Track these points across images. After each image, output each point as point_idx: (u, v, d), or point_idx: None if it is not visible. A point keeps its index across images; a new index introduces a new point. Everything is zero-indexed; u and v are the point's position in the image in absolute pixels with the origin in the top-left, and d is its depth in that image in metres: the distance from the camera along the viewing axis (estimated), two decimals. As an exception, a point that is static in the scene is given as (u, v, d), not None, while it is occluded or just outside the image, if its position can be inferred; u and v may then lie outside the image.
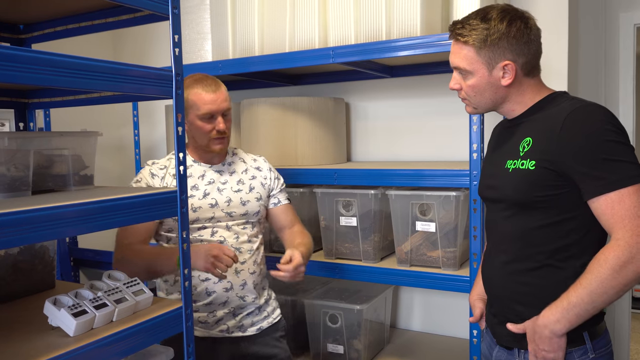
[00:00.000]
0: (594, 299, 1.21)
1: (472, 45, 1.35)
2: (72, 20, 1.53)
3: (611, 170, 1.21)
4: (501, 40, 1.33)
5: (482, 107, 1.44)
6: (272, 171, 1.96)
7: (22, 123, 1.73)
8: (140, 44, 3.38)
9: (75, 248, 3.10)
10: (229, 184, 1.83)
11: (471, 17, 1.38)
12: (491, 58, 1.34)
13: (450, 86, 1.45)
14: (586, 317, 1.24)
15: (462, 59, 1.38)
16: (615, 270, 1.19)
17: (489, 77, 1.37)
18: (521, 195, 1.34)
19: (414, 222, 2.06)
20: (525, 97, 1.40)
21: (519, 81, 1.38)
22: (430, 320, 2.61)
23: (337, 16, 2.13)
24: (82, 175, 1.40)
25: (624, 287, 1.20)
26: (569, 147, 1.25)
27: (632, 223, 1.19)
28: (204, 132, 1.75)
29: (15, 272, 1.40)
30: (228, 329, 1.77)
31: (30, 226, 0.98)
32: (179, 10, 1.28)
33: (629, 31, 2.80)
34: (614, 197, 1.21)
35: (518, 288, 1.38)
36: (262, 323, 1.84)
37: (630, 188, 1.20)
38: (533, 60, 1.38)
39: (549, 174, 1.28)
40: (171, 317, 1.27)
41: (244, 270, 1.79)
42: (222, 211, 1.78)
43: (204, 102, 1.72)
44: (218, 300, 1.75)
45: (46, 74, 1.01)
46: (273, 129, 2.38)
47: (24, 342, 1.11)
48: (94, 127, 1.93)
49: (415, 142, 2.57)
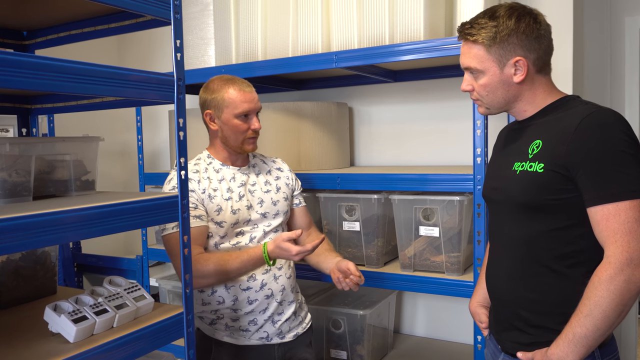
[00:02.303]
0: (598, 326, 1.19)
1: (481, 44, 1.33)
2: (75, 26, 1.53)
3: (614, 182, 1.20)
4: (511, 37, 1.31)
5: (495, 107, 1.41)
6: (291, 172, 1.98)
7: (24, 129, 1.73)
8: (145, 49, 3.39)
9: (78, 254, 3.10)
10: (257, 185, 1.83)
11: (479, 16, 1.36)
12: (502, 55, 1.32)
13: (462, 88, 1.43)
14: (595, 345, 1.22)
15: (472, 59, 1.36)
16: (611, 292, 1.18)
17: (500, 75, 1.34)
18: (528, 198, 1.31)
19: (417, 227, 2.05)
20: (538, 97, 1.37)
21: (532, 78, 1.35)
22: (434, 325, 2.59)
23: (340, 21, 2.13)
24: (83, 181, 1.39)
25: (623, 307, 1.19)
26: (580, 152, 1.22)
27: (623, 239, 1.18)
28: (241, 131, 1.75)
29: (17, 277, 1.40)
30: (268, 336, 1.76)
31: (32, 232, 0.98)
32: (181, 15, 1.28)
33: (634, 35, 2.79)
34: (611, 210, 1.19)
35: (523, 293, 1.35)
36: (297, 329, 1.83)
37: (629, 202, 1.18)
38: (545, 56, 1.35)
39: (557, 177, 1.26)
40: (172, 323, 1.27)
41: (282, 275, 1.79)
42: (257, 213, 1.78)
43: (242, 100, 1.73)
44: (259, 308, 1.74)
45: (48, 80, 1.01)
46: (276, 134, 2.38)
47: (24, 348, 1.11)
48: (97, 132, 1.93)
49: (418, 147, 2.56)
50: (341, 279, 1.72)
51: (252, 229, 1.78)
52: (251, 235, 1.77)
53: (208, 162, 1.80)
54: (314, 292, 2.54)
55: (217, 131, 1.78)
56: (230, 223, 1.72)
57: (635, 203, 1.18)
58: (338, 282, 1.73)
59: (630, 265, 1.17)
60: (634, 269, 1.17)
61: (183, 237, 1.30)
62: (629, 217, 1.18)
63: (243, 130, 1.75)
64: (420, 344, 2.51)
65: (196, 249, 1.64)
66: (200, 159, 1.82)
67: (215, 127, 1.78)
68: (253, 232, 1.77)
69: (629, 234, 1.18)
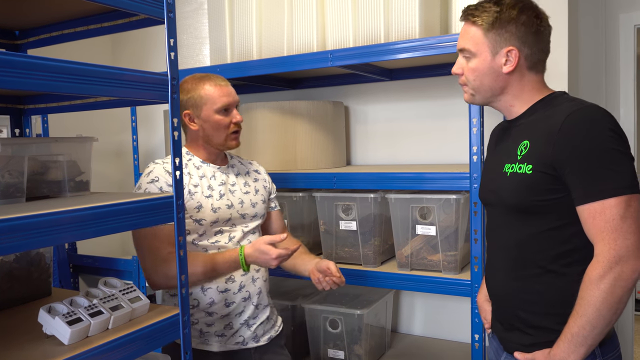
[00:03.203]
0: (593, 325, 1.19)
1: (480, 26, 1.34)
2: (68, 25, 1.52)
3: (600, 179, 1.19)
4: (510, 25, 1.32)
5: (480, 95, 1.41)
6: (267, 174, 1.97)
7: (18, 129, 1.72)
8: (139, 49, 3.37)
9: (74, 255, 3.08)
10: (237, 185, 1.81)
11: (486, 0, 1.38)
12: (497, 42, 1.33)
13: (452, 70, 1.44)
14: (594, 343, 1.22)
15: (468, 40, 1.37)
16: (602, 290, 1.18)
17: (491, 62, 1.35)
18: (519, 200, 1.31)
19: (414, 226, 2.05)
20: (525, 93, 1.37)
21: (521, 73, 1.35)
22: (431, 324, 2.59)
23: (335, 19, 2.12)
24: (77, 181, 1.38)
25: (617, 304, 1.19)
26: (566, 150, 1.22)
27: (610, 237, 1.18)
28: (223, 126, 1.72)
29: (11, 279, 1.39)
30: (244, 341, 1.73)
31: (25, 233, 0.97)
32: (175, 14, 1.28)
33: (629, 32, 2.79)
34: (597, 208, 1.19)
35: (521, 295, 1.35)
36: (271, 332, 1.82)
37: (614, 199, 1.18)
38: (539, 54, 1.35)
39: (546, 177, 1.26)
40: (168, 324, 1.26)
41: (259, 278, 1.77)
42: (237, 212, 1.76)
43: (220, 94, 1.70)
44: (236, 311, 1.71)
45: (41, 80, 1.00)
46: (272, 133, 2.37)
47: (18, 350, 1.10)
48: (92, 132, 1.92)
49: (415, 145, 2.55)
50: (321, 279, 1.71)
51: (231, 229, 1.75)
52: (230, 235, 1.74)
53: (188, 159, 1.75)
54: (311, 291, 2.54)
55: (198, 131, 1.74)
56: (210, 221, 1.68)
57: (620, 200, 1.18)
58: (318, 282, 1.72)
59: (619, 263, 1.17)
60: (623, 266, 1.17)
61: (178, 237, 1.29)
62: (614, 215, 1.18)
63: (225, 125, 1.72)
64: (417, 343, 2.51)
65: (167, 247, 1.58)
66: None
67: (196, 127, 1.74)
68: (232, 232, 1.74)
69: (615, 231, 1.17)
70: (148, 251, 1.59)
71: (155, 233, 1.57)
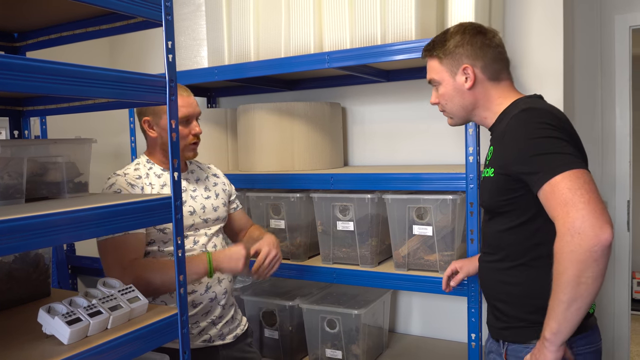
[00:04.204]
0: (568, 295, 1.18)
1: (435, 57, 1.53)
2: (66, 28, 1.53)
3: (542, 163, 1.25)
4: (458, 48, 1.48)
5: (457, 116, 1.56)
6: (225, 177, 2.01)
7: (17, 131, 1.73)
8: (138, 50, 3.38)
9: (73, 256, 3.09)
10: (198, 191, 1.83)
11: (437, 36, 1.56)
12: (452, 65, 1.49)
13: (430, 101, 1.61)
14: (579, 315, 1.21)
15: (431, 71, 1.56)
16: (561, 263, 1.18)
17: (454, 83, 1.50)
18: (489, 201, 1.45)
19: (411, 226, 2.06)
20: (493, 103, 1.49)
21: (483, 85, 1.49)
22: (428, 324, 2.60)
23: (332, 21, 2.13)
24: (76, 183, 1.39)
25: (580, 275, 1.16)
26: (510, 150, 1.34)
27: (562, 210, 1.19)
28: (182, 136, 1.70)
29: (10, 280, 1.39)
30: (210, 339, 1.77)
31: (24, 234, 0.98)
32: (172, 16, 1.29)
33: (624, 33, 2.81)
34: (547, 189, 1.23)
35: (498, 287, 1.47)
36: (236, 330, 1.87)
37: (559, 176, 1.21)
38: (494, 64, 1.48)
39: (504, 179, 1.37)
40: (166, 324, 1.27)
41: (224, 279, 1.81)
42: (199, 218, 1.78)
43: (180, 105, 1.65)
44: (202, 310, 1.75)
45: (40, 82, 1.01)
46: (270, 135, 2.38)
47: (18, 350, 1.11)
48: (91, 134, 1.93)
49: (411, 146, 2.57)
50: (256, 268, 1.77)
51: (195, 233, 1.76)
52: (195, 239, 1.76)
53: (148, 167, 1.76)
54: (308, 291, 2.55)
55: (157, 138, 1.75)
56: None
57: (565, 175, 1.21)
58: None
59: (574, 235, 1.16)
60: (577, 237, 1.15)
61: (176, 238, 1.30)
62: (562, 189, 1.21)
63: (184, 136, 1.72)
64: (415, 343, 2.52)
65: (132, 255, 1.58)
66: (139, 164, 1.78)
67: (155, 134, 1.74)
68: (196, 237, 1.76)
69: (565, 205, 1.19)
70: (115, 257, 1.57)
71: (123, 240, 1.57)
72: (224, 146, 2.69)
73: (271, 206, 2.36)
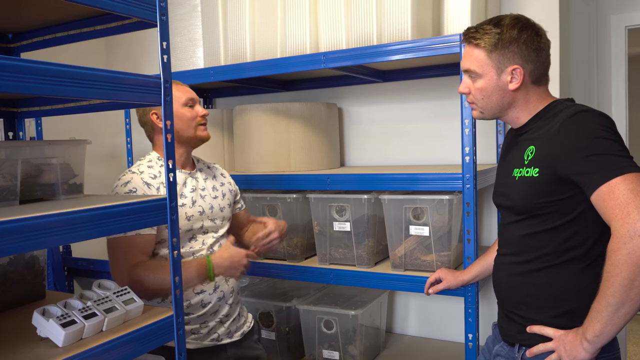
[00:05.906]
0: (619, 299, 1.17)
1: (483, 48, 1.40)
2: (61, 29, 1.52)
3: (600, 165, 1.23)
4: (512, 45, 1.37)
5: (489, 112, 1.47)
6: (230, 177, 2.02)
7: (11, 132, 1.72)
8: (134, 51, 3.37)
9: (69, 257, 3.07)
10: (207, 190, 1.84)
11: (485, 22, 1.43)
12: (501, 62, 1.39)
13: (459, 90, 1.50)
14: (622, 322, 1.20)
15: (473, 62, 1.43)
16: (615, 265, 1.17)
17: (497, 81, 1.41)
18: (527, 202, 1.37)
19: (407, 227, 2.06)
20: (530, 105, 1.43)
21: (526, 88, 1.42)
22: (426, 324, 2.60)
23: (328, 21, 2.13)
24: (71, 184, 1.38)
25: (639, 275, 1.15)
26: (563, 151, 1.28)
27: (622, 212, 1.18)
28: (191, 117, 1.78)
29: (5, 282, 1.39)
30: (218, 337, 1.78)
31: (19, 236, 0.97)
32: (167, 17, 1.28)
33: (620, 33, 2.82)
34: (605, 190, 1.21)
35: (521, 289, 1.42)
36: (243, 327, 1.88)
37: (619, 178, 1.20)
38: (541, 69, 1.42)
39: (551, 179, 1.31)
40: (162, 326, 1.26)
41: (231, 278, 1.80)
42: (208, 218, 1.79)
43: (182, 92, 1.79)
44: (211, 310, 1.75)
45: (34, 83, 1.01)
46: (266, 135, 2.38)
47: (12, 353, 1.10)
48: (86, 135, 1.92)
49: (408, 146, 2.57)
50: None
51: (204, 235, 1.78)
52: (203, 241, 1.77)
53: (160, 165, 1.77)
54: (305, 292, 2.54)
55: None
56: (184, 230, 1.71)
57: (625, 177, 1.20)
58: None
59: (633, 237, 1.14)
60: (636, 239, 1.14)
61: (172, 239, 1.30)
62: (621, 191, 1.19)
63: (193, 117, 1.79)
64: (412, 344, 2.52)
65: (139, 256, 1.60)
66: (152, 160, 1.78)
67: None
68: (205, 239, 1.78)
69: (626, 206, 1.17)
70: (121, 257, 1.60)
71: (131, 241, 1.60)
72: (220, 147, 2.68)
73: (267, 207, 2.36)
